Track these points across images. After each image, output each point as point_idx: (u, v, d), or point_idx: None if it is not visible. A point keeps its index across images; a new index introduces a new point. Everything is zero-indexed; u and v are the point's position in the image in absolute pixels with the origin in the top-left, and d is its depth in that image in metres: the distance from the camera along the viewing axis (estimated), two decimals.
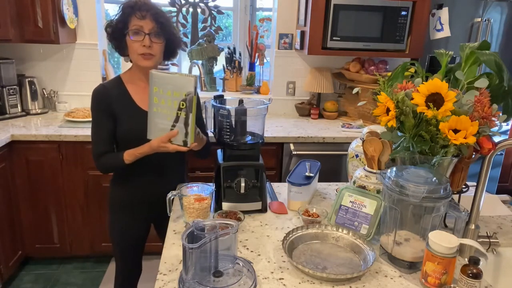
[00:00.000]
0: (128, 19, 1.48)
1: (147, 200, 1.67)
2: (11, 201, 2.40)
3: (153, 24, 1.48)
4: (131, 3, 1.49)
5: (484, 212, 1.54)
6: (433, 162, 1.15)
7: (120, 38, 1.52)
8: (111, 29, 1.53)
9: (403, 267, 1.14)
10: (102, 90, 1.56)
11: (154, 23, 1.48)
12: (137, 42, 1.48)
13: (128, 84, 1.59)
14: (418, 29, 2.70)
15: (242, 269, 1.07)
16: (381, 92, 1.21)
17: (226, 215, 1.37)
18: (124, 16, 1.49)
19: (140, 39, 1.48)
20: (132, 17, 1.47)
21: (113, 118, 1.55)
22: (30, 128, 2.47)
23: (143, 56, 1.50)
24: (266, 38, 3.30)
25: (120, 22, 1.49)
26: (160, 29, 1.50)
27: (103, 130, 1.55)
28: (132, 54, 1.52)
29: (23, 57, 2.86)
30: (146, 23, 1.47)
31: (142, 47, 1.48)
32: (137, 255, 1.81)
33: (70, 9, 2.66)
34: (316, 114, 3.00)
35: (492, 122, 1.15)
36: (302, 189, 1.47)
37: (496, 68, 1.20)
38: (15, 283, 2.49)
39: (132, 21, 1.48)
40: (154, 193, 1.65)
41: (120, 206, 1.70)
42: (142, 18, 1.47)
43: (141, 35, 1.48)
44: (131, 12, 1.47)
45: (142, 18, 1.47)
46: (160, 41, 1.52)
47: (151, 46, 1.49)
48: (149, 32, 1.48)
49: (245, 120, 1.51)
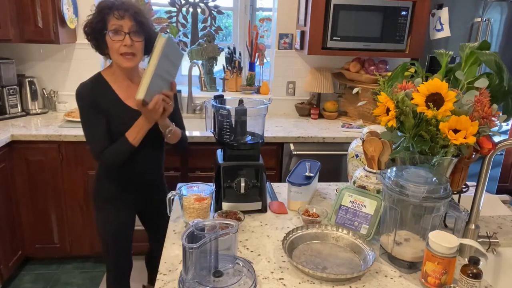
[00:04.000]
0: (106, 18, 1.47)
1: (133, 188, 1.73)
2: (11, 201, 2.40)
3: (132, 23, 1.48)
4: (109, 3, 1.48)
5: (484, 212, 1.54)
6: (433, 162, 1.15)
7: (99, 38, 1.52)
8: (90, 29, 1.52)
9: (403, 267, 1.14)
10: (87, 89, 1.56)
11: (133, 21, 1.48)
12: (118, 42, 1.48)
13: (111, 82, 1.59)
14: (418, 29, 2.70)
15: (242, 269, 1.07)
16: (381, 92, 1.21)
17: (226, 215, 1.37)
18: (103, 15, 1.48)
19: (120, 39, 1.48)
20: (111, 17, 1.47)
21: (103, 114, 1.55)
22: (30, 128, 2.47)
23: (125, 56, 1.51)
24: (266, 38, 3.30)
25: (99, 22, 1.49)
26: (140, 27, 1.50)
27: (99, 127, 1.54)
28: (113, 53, 1.52)
29: (23, 57, 2.86)
30: (125, 22, 1.47)
31: (123, 46, 1.48)
32: (126, 247, 1.82)
33: (70, 9, 2.66)
34: (316, 114, 3.00)
35: (492, 122, 1.15)
36: (302, 189, 1.47)
37: (496, 68, 1.20)
38: (15, 283, 2.49)
39: (111, 21, 1.47)
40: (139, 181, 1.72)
41: (106, 199, 1.72)
42: (120, 18, 1.46)
43: (121, 35, 1.48)
44: (109, 12, 1.47)
45: (121, 18, 1.47)
46: (140, 39, 1.52)
47: (132, 44, 1.49)
48: (129, 31, 1.48)
49: (245, 120, 1.51)
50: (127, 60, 1.51)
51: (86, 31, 1.54)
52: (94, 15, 1.51)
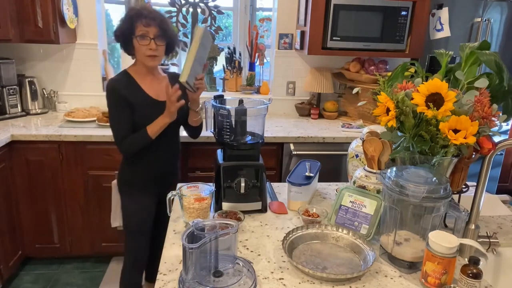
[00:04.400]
0: (134, 25, 1.71)
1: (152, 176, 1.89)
2: (11, 201, 2.40)
3: (157, 30, 1.72)
4: (137, 12, 1.72)
5: (484, 212, 1.54)
6: (433, 162, 1.15)
7: (127, 41, 1.75)
8: (120, 33, 1.75)
9: (403, 267, 1.14)
10: (116, 83, 1.77)
11: (158, 29, 1.72)
12: (144, 45, 1.72)
13: (136, 77, 1.81)
14: (418, 29, 2.70)
15: (242, 269, 1.07)
16: (381, 92, 1.21)
17: (226, 215, 1.37)
18: (131, 22, 1.71)
19: (146, 43, 1.72)
20: (139, 24, 1.70)
21: (129, 106, 1.75)
22: (30, 128, 2.47)
23: (150, 57, 1.75)
24: (266, 38, 3.30)
25: (128, 28, 1.72)
26: (163, 33, 1.75)
27: (124, 116, 1.75)
28: (140, 54, 1.76)
29: (23, 57, 2.85)
30: (151, 29, 1.71)
31: (149, 49, 1.72)
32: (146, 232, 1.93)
33: (70, 9, 2.66)
34: (316, 114, 3.00)
35: (492, 122, 1.15)
36: (302, 189, 1.47)
37: (496, 68, 1.20)
38: (15, 283, 2.49)
39: (139, 27, 1.71)
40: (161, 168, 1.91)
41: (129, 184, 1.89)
42: (147, 25, 1.70)
43: (147, 40, 1.72)
44: (137, 19, 1.71)
45: (148, 25, 1.70)
46: (163, 43, 1.77)
47: (156, 48, 1.74)
48: (153, 37, 1.72)
49: (245, 120, 1.51)
50: (151, 60, 1.76)
51: (117, 34, 1.77)
52: (124, 21, 1.74)
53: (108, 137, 2.39)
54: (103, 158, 2.44)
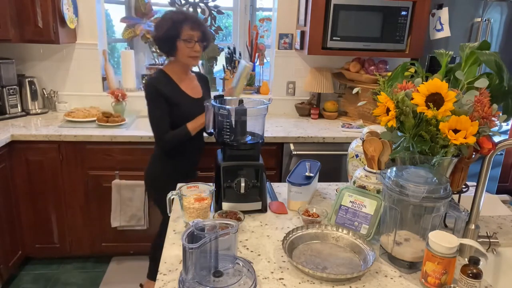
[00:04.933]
0: (180, 29, 1.88)
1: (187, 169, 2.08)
2: (11, 201, 2.40)
3: (200, 34, 1.93)
4: (183, 16, 1.90)
5: (484, 212, 1.54)
6: (433, 162, 1.15)
7: (171, 43, 1.91)
8: (165, 36, 1.89)
9: (403, 267, 1.14)
10: (155, 81, 1.92)
11: (201, 33, 1.93)
12: (189, 48, 1.90)
13: (173, 76, 1.97)
14: (418, 29, 2.70)
15: (242, 269, 1.07)
16: (381, 92, 1.20)
17: (226, 215, 1.37)
18: (176, 25, 1.88)
19: (191, 46, 1.91)
20: (185, 28, 1.88)
21: (167, 102, 1.89)
22: (30, 128, 2.47)
23: (193, 58, 1.95)
24: (266, 38, 3.30)
25: (174, 31, 1.88)
26: (204, 36, 1.96)
27: (163, 113, 1.89)
28: (183, 56, 1.93)
29: (23, 57, 2.85)
30: (196, 33, 1.91)
31: (194, 51, 1.92)
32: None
33: (70, 9, 2.66)
34: (316, 114, 3.00)
35: (492, 122, 1.15)
36: (302, 189, 1.47)
37: (496, 68, 1.20)
38: (15, 283, 2.49)
39: (185, 31, 1.89)
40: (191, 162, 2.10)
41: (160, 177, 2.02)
42: (193, 29, 1.90)
43: (192, 42, 1.91)
44: (183, 24, 1.88)
45: (193, 29, 1.90)
46: (204, 44, 1.99)
47: (199, 50, 1.94)
48: (198, 39, 1.92)
49: (245, 120, 1.51)
50: (194, 60, 1.96)
51: (160, 37, 1.91)
52: (167, 24, 1.88)
53: (108, 137, 2.39)
54: (103, 158, 2.44)
